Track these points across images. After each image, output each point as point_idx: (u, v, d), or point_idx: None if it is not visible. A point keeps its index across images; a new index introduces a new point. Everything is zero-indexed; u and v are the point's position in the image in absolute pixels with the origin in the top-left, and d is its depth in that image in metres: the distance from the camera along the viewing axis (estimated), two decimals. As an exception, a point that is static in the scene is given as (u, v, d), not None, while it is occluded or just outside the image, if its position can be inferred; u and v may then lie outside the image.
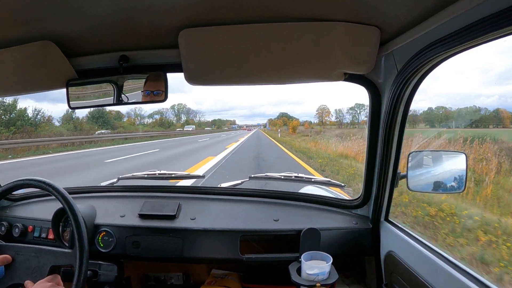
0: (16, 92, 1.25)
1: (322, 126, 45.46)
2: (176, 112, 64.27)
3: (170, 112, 62.14)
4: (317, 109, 53.98)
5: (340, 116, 51.74)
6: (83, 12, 0.81)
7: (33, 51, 1.00)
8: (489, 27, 0.57)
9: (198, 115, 71.74)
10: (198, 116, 70.58)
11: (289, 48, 0.92)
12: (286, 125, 60.31)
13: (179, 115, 65.12)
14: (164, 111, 58.62)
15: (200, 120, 70.37)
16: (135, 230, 1.22)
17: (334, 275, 1.02)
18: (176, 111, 64.53)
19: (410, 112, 0.95)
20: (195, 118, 68.74)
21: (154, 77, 1.08)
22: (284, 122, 65.87)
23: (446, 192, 1.02)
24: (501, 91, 19.36)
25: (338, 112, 52.36)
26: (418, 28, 0.78)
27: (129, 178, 1.56)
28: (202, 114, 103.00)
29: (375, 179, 1.11)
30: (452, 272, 0.79)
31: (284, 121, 67.27)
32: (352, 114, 48.28)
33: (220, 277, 1.38)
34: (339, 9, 0.80)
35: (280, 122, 66.01)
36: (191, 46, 0.95)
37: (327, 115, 52.95)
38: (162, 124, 52.71)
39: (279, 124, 62.57)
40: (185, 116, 66.21)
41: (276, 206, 1.33)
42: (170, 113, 61.83)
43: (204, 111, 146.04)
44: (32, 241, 1.29)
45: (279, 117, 74.25)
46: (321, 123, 50.73)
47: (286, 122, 66.16)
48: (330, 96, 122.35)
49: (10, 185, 1.04)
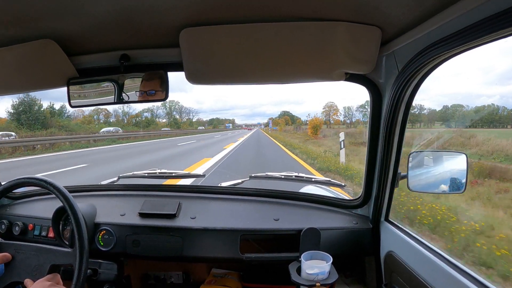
0: (17, 90, 1.25)
1: (330, 126, 38.06)
2: (167, 110, 58.94)
3: (161, 110, 56.84)
4: (324, 106, 48.07)
5: (349, 115, 45.77)
6: (84, 11, 0.81)
7: (34, 49, 1.00)
8: (491, 28, 0.57)
9: (192, 113, 66.94)
10: (191, 115, 65.72)
11: (290, 48, 0.92)
12: (290, 124, 56.43)
13: (171, 113, 59.91)
14: (154, 109, 53.35)
15: (191, 119, 64.54)
16: (135, 229, 1.23)
17: (334, 275, 1.02)
18: (168, 109, 58.99)
19: (425, 111, 0.94)
20: (188, 117, 64.10)
21: (155, 76, 1.08)
22: (286, 122, 62.36)
23: (446, 192, 1.02)
24: (502, 91, 19.29)
25: (347, 110, 46.99)
26: (419, 28, 0.78)
27: (130, 177, 1.56)
28: (196, 112, 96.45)
29: (375, 179, 1.11)
30: (452, 273, 0.79)
31: (286, 120, 63.66)
32: (363, 112, 40.63)
33: (220, 276, 1.38)
34: (340, 9, 0.80)
35: (282, 122, 62.41)
36: (192, 45, 0.95)
37: (335, 113, 45.78)
38: (137, 124, 45.37)
39: (282, 124, 59.14)
40: (178, 114, 61.41)
41: (276, 205, 1.33)
42: (161, 111, 57.21)
43: (205, 110, 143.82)
44: (32, 239, 1.29)
45: (281, 116, 70.11)
46: (328, 122, 42.92)
47: (288, 122, 62.49)
48: (330, 96, 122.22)
49: (10, 183, 1.04)
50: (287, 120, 63.99)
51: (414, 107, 16.80)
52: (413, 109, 14.88)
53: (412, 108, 0.95)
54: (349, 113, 46.58)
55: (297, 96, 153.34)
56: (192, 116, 66.69)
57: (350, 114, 46.36)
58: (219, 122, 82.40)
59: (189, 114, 64.92)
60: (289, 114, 70.73)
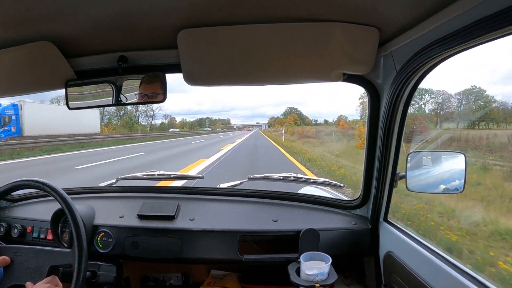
0: (15, 92, 1.25)
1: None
2: (135, 112, 45.92)
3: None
4: (360, 97, 29.27)
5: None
6: (82, 13, 0.81)
7: (32, 51, 1.00)
8: (487, 28, 0.57)
9: (166, 116, 54.13)
10: (165, 118, 53.54)
11: (287, 49, 0.92)
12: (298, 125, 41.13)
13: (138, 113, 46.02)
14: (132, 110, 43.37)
15: (151, 123, 48.94)
16: (134, 231, 1.22)
17: (333, 276, 1.02)
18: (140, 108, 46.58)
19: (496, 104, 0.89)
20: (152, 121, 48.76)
21: (153, 77, 1.08)
22: (294, 121, 48.89)
23: (445, 192, 1.02)
24: (504, 91, 19.09)
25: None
26: (417, 29, 0.78)
27: (128, 179, 1.56)
28: (168, 115, 66.00)
29: (374, 179, 1.11)
30: (451, 272, 0.79)
31: (294, 119, 50.04)
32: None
33: (219, 277, 1.38)
34: (338, 9, 0.80)
35: (289, 120, 49.21)
36: (190, 47, 0.95)
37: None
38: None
39: (289, 124, 46.50)
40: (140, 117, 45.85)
41: (275, 206, 1.33)
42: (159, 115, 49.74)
43: (205, 111, 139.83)
44: (31, 241, 1.28)
45: (286, 114, 54.52)
46: (354, 123, 26.54)
47: (297, 121, 49.14)
48: (330, 96, 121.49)
49: (9, 186, 1.04)
50: (295, 119, 50.81)
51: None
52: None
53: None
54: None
55: (297, 97, 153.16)
56: (151, 119, 50.54)
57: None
58: (212, 122, 69.00)
59: (153, 117, 49.91)
60: (297, 112, 55.70)
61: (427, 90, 18.67)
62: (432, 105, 19.64)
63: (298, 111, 55.52)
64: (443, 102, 18.29)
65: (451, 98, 17.96)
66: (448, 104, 18.29)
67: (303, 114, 54.51)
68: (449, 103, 17.94)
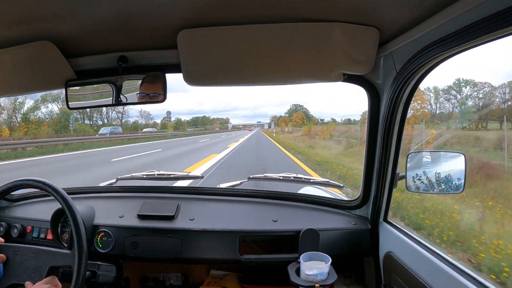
0: (15, 92, 1.25)
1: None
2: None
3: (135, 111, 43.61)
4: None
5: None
6: (82, 13, 0.81)
7: (32, 51, 1.00)
8: (487, 28, 0.57)
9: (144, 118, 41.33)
10: (142, 116, 40.95)
11: (287, 49, 0.92)
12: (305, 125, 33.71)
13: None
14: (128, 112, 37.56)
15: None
16: (134, 231, 1.22)
17: (333, 276, 1.02)
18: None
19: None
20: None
21: (153, 77, 1.08)
22: (302, 120, 41.19)
23: (445, 192, 1.02)
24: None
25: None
26: (417, 29, 0.78)
27: (128, 179, 1.56)
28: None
29: (374, 179, 1.11)
30: (451, 273, 0.79)
31: (301, 118, 42.39)
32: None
33: (219, 277, 1.38)
34: (338, 9, 0.80)
35: (297, 118, 42.67)
36: (190, 47, 0.95)
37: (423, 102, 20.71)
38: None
39: (297, 123, 40.37)
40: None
41: (275, 206, 1.33)
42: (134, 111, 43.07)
43: (206, 111, 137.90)
44: (31, 241, 1.28)
45: (291, 112, 47.10)
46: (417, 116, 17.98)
47: (304, 120, 41.25)
48: (331, 97, 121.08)
49: (8, 185, 1.04)
50: (302, 118, 43.59)
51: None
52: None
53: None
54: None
55: (298, 97, 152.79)
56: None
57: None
58: (208, 121, 59.81)
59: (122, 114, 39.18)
60: (303, 110, 47.43)
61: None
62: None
63: (305, 109, 48.38)
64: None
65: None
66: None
67: (309, 112, 47.75)
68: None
